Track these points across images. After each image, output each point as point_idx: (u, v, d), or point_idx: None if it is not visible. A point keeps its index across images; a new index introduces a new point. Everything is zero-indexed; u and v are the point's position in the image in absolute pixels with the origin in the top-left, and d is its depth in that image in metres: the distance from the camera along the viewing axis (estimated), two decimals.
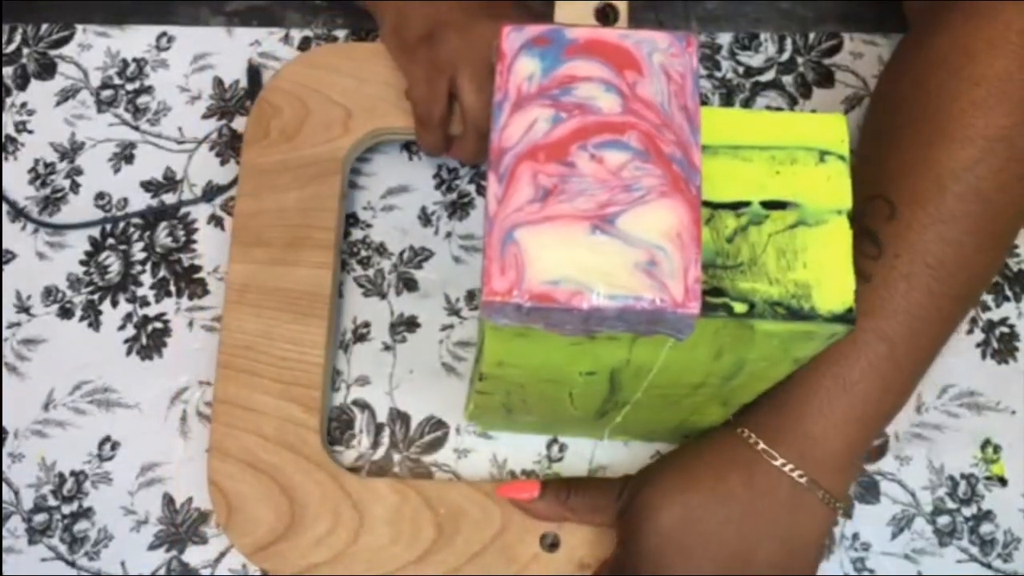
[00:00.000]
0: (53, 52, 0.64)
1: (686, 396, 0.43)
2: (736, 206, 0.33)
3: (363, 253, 0.59)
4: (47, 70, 0.63)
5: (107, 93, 0.63)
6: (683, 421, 0.49)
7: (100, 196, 0.61)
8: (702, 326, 0.33)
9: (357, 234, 0.59)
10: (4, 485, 0.56)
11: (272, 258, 0.56)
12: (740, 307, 0.32)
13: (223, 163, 0.61)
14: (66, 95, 0.63)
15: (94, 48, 0.64)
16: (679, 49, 0.32)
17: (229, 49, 0.63)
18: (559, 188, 0.31)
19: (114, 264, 0.59)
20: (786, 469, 0.45)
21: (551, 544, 0.52)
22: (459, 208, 0.60)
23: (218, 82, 0.62)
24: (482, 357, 0.39)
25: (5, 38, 0.64)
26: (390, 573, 0.52)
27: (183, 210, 0.60)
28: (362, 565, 0.52)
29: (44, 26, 0.64)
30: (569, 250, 0.30)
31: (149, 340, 0.58)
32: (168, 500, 0.56)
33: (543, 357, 0.38)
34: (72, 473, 0.56)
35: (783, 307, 0.32)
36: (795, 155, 0.34)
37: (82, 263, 0.60)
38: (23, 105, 0.63)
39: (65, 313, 0.59)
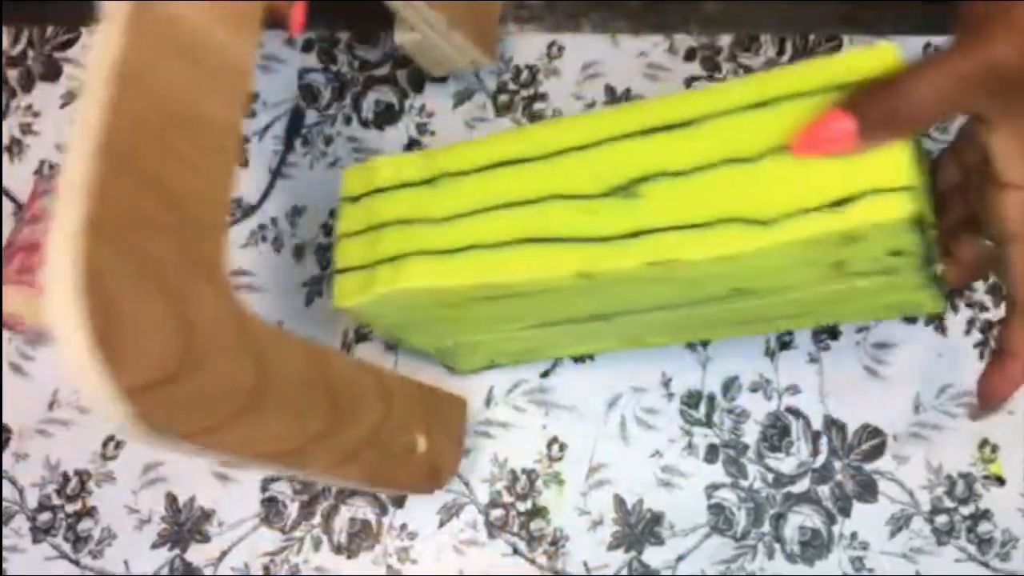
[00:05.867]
0: (58, 55, 0.64)
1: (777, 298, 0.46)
2: None
3: None
4: (52, 73, 0.64)
5: None
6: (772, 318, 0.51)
7: None
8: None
9: None
10: (8, 484, 0.56)
11: None
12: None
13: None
14: (71, 97, 0.63)
15: None
16: None
17: None
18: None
19: None
20: None
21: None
22: None
23: None
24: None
25: (11, 41, 0.64)
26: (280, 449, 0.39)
27: None
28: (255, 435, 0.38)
29: (49, 29, 0.65)
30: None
31: None
32: (171, 499, 0.56)
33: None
34: (76, 472, 0.56)
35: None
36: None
37: None
38: (28, 107, 0.63)
39: None
